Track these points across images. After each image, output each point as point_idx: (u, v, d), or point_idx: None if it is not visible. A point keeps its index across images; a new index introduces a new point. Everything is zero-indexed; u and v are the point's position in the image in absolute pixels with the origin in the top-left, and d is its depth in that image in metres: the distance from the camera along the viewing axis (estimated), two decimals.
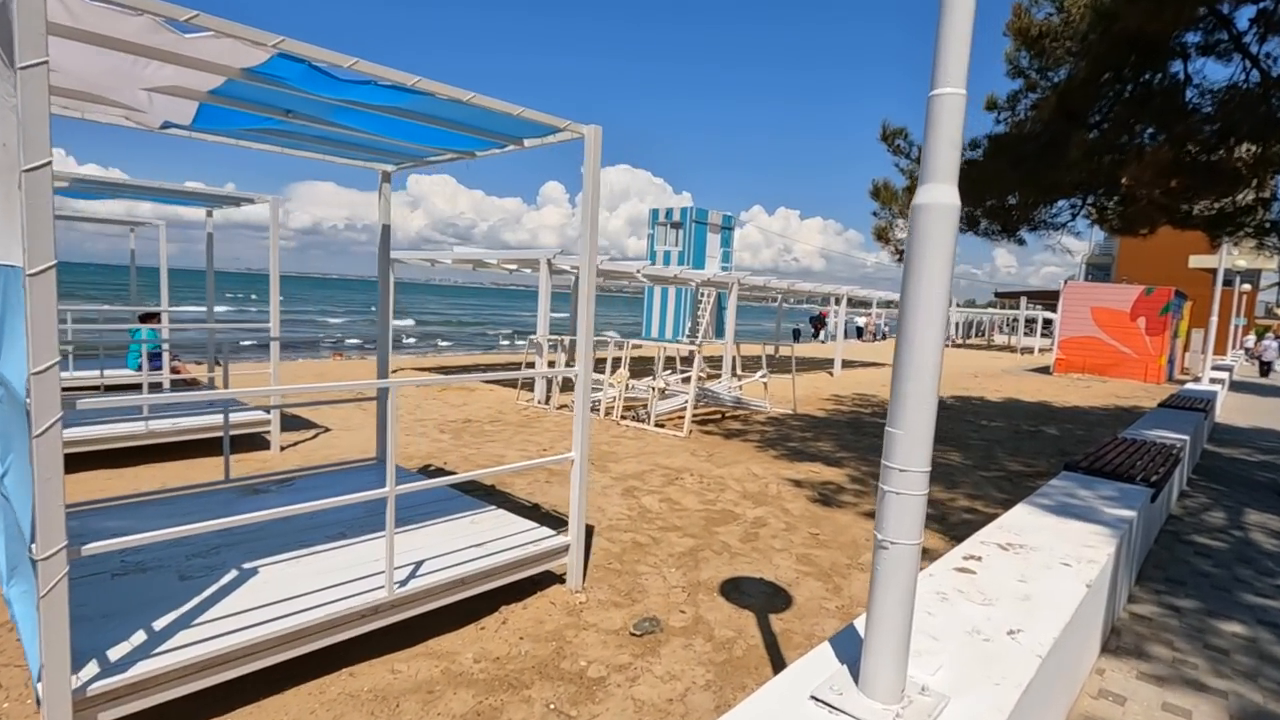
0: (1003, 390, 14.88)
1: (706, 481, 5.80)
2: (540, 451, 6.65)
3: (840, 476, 6.28)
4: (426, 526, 3.55)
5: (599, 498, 5.16)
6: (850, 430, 8.77)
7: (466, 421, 8.14)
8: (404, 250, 13.02)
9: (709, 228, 27.02)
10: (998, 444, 8.38)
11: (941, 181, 1.54)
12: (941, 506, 5.48)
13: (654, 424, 8.11)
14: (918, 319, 1.56)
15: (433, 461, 6.06)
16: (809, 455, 7.10)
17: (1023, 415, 11.04)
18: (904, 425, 1.62)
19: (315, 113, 3.12)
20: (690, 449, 7.07)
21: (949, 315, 18.68)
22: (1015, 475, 6.72)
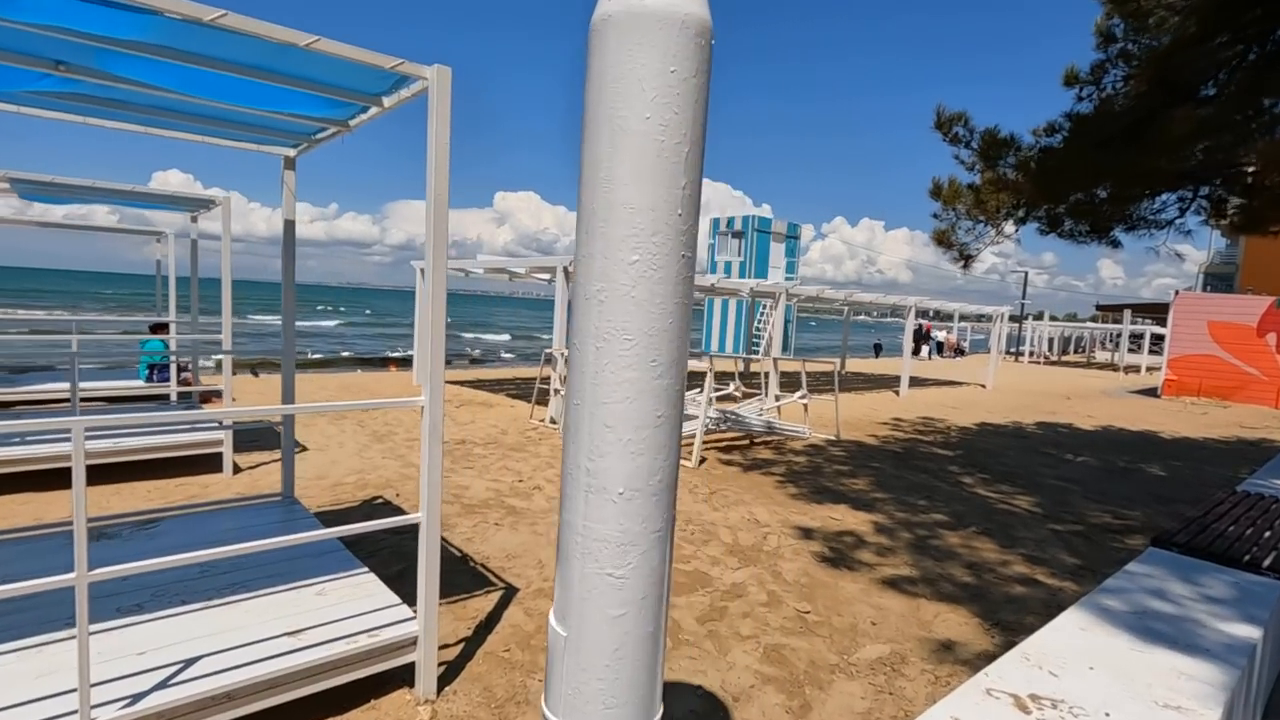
0: (1097, 416, 12.96)
1: (692, 529, 4.80)
2: (515, 482, 5.83)
3: (864, 525, 5.12)
4: (248, 600, 2.75)
5: (545, 547, 4.27)
6: (896, 463, 7.49)
7: (460, 443, 7.44)
8: None
9: (772, 237, 25.73)
10: (1080, 486, 6.91)
11: None
12: (985, 573, 4.26)
13: None
14: None
15: (385, 493, 5.34)
16: (835, 495, 5.95)
17: (1118, 448, 9.35)
18: None
19: (93, 63, 2.41)
20: (692, 484, 6.07)
21: (1041, 331, 16.77)
22: (1097, 531, 5.34)
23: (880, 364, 26.51)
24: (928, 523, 5.30)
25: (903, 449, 8.44)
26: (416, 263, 12.75)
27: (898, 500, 5.90)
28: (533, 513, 4.96)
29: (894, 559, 4.46)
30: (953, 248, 9.00)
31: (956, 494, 6.25)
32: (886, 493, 6.15)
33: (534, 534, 4.50)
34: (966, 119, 7.51)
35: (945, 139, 7.61)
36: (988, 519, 5.49)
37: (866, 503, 5.77)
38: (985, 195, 8.01)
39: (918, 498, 6.04)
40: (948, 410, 12.80)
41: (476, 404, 10.65)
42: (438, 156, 2.34)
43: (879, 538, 4.88)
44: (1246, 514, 3.81)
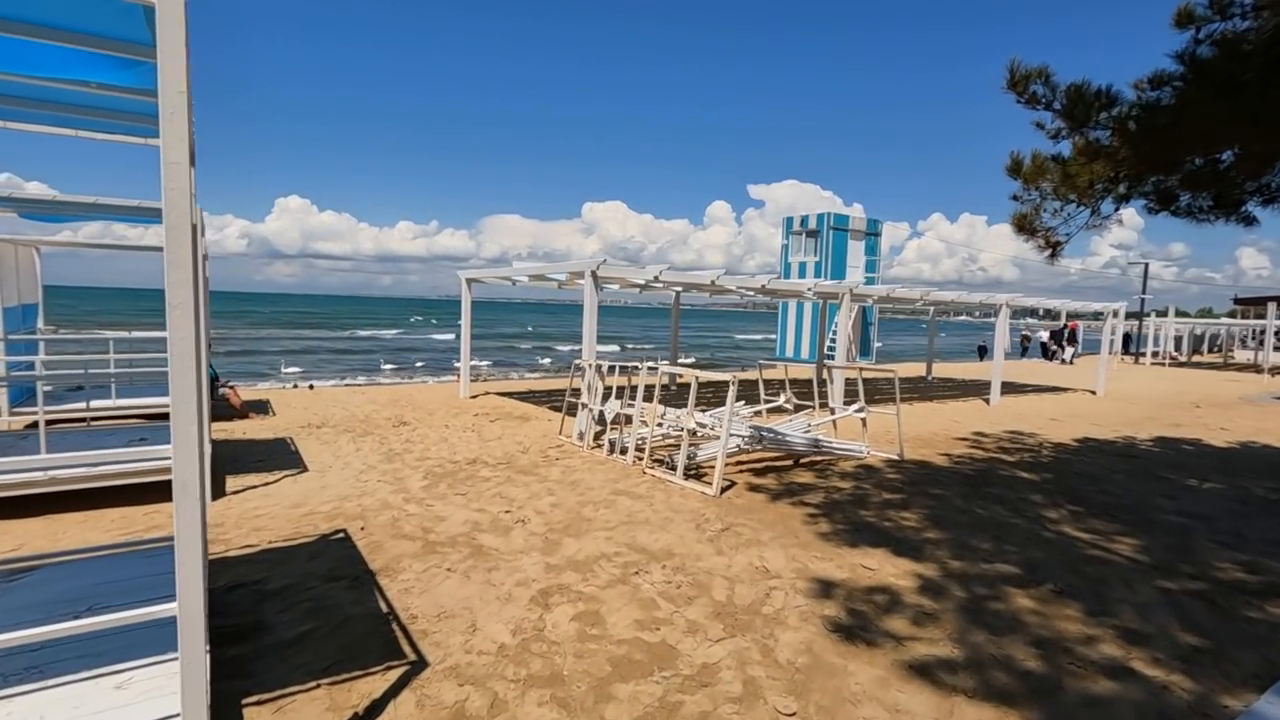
0: (1234, 429, 10.95)
1: (681, 580, 3.96)
2: (501, 513, 5.16)
3: (904, 578, 4.11)
4: (33, 693, 2.18)
5: (491, 603, 3.56)
6: (964, 491, 6.31)
7: (470, 462, 6.89)
8: (480, 269, 12.32)
9: (850, 234, 24.16)
10: (1205, 524, 5.51)
11: None
12: (1058, 656, 3.18)
13: (683, 475, 6.30)
14: None
15: (352, 525, 4.81)
16: (876, 534, 4.92)
17: (1259, 471, 7.66)
18: None
19: None
20: (705, 516, 5.20)
21: (1166, 328, 14.44)
22: (1225, 591, 4.07)
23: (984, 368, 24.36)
24: (990, 576, 4.21)
25: (976, 472, 7.19)
26: (462, 272, 12.48)
27: (956, 542, 4.81)
28: (499, 555, 4.28)
29: (933, 630, 3.45)
30: (1036, 234, 7.66)
31: (1035, 534, 5.07)
32: (943, 531, 5.05)
33: (487, 584, 3.80)
34: (1047, 74, 6.24)
35: (1021, 101, 6.37)
36: (1073, 571, 4.32)
37: (914, 545, 4.71)
38: (1075, 168, 6.69)
39: (983, 538, 4.92)
40: (1044, 423, 11.18)
41: (514, 418, 10.16)
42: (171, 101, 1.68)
43: (920, 597, 3.86)
44: None
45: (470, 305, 12.39)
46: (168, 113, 1.68)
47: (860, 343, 25.07)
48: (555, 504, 5.40)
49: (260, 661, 2.91)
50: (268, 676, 2.81)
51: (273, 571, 3.86)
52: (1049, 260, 7.94)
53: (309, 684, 2.77)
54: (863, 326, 24.99)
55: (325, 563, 4.03)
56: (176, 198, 1.72)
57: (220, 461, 6.63)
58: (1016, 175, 7.50)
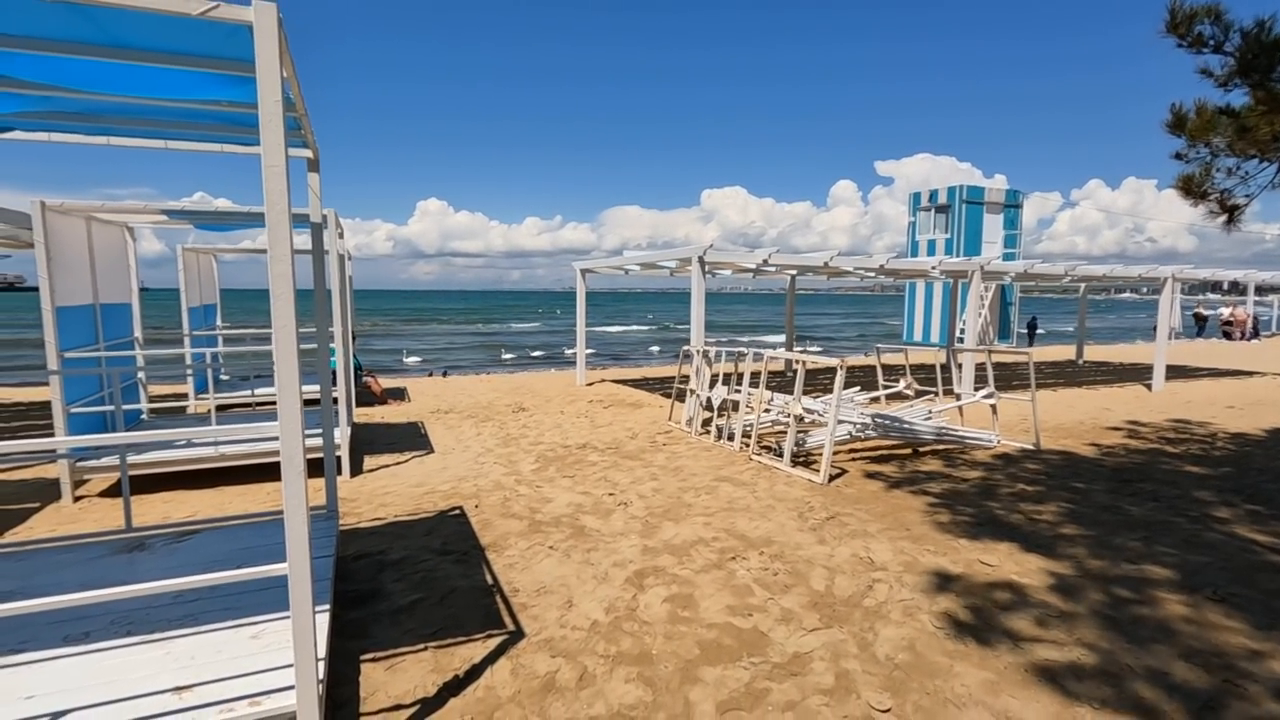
0: None
1: (778, 568, 3.86)
2: (605, 495, 5.28)
3: (1031, 575, 3.75)
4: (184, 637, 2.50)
5: (588, 582, 3.65)
6: (1112, 485, 5.66)
7: (580, 447, 7.11)
8: (592, 260, 12.61)
9: (985, 208, 22.32)
10: None
11: None
12: (1214, 668, 2.78)
13: (790, 461, 6.13)
14: None
15: (468, 503, 5.11)
16: (1002, 529, 4.54)
17: None
18: None
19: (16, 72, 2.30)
20: (810, 504, 5.03)
21: None
22: None
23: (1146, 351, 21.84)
24: (1135, 578, 3.76)
25: (1130, 464, 6.42)
26: (578, 263, 12.84)
27: (1097, 541, 4.33)
28: (599, 536, 4.38)
29: (1060, 632, 3.13)
30: (1208, 198, 6.70)
31: (1198, 535, 4.46)
32: (1083, 528, 4.57)
33: (585, 564, 3.91)
34: (1218, 11, 5.41)
35: (1185, 45, 5.56)
36: (1240, 577, 3.76)
37: (1045, 542, 4.30)
38: (1253, 119, 5.77)
39: (1131, 537, 4.39)
40: (1220, 411, 9.80)
41: (626, 404, 10.35)
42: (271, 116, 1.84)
43: (1048, 596, 3.52)
44: None
45: (585, 295, 12.72)
46: (266, 120, 1.85)
47: (999, 324, 23.16)
48: (657, 489, 5.44)
49: (377, 624, 3.17)
50: (383, 637, 3.06)
51: (393, 544, 4.19)
52: (1226, 227, 6.93)
53: (418, 646, 2.98)
54: (1001, 307, 23.06)
55: (439, 538, 4.31)
56: (275, 198, 1.89)
57: (360, 443, 7.27)
58: (1180, 131, 6.60)
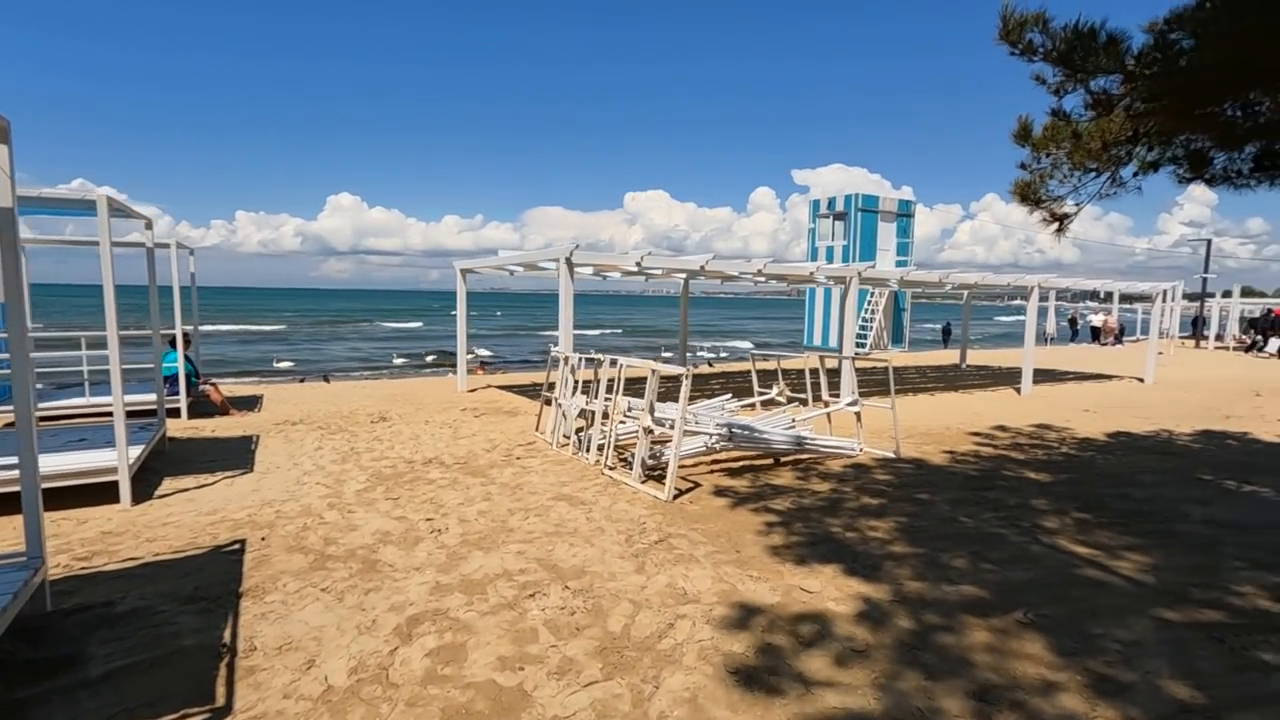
0: None
1: (578, 605, 3.46)
2: (422, 520, 4.75)
3: (845, 603, 3.52)
4: None
5: (347, 633, 3.13)
6: (958, 494, 5.62)
7: (426, 462, 6.53)
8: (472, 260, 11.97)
9: (880, 216, 23.04)
10: (1236, 534, 4.72)
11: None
12: (1003, 706, 2.57)
13: (640, 477, 5.79)
14: None
15: (257, 534, 4.47)
16: (834, 548, 4.33)
17: None
18: None
19: None
20: (644, 526, 4.69)
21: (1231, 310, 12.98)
22: (1241, 625, 3.35)
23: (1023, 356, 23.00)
24: (952, 600, 3.59)
25: (979, 472, 6.46)
26: (458, 262, 12.17)
27: (925, 559, 4.18)
28: (390, 572, 3.86)
29: (857, 672, 2.87)
30: (1040, 205, 6.85)
31: (1025, 549, 4.39)
32: (914, 545, 4.42)
33: (356, 609, 3.39)
34: (1044, 19, 5.44)
35: (1016, 52, 5.58)
36: (1058, 596, 3.66)
37: (872, 563, 4.10)
38: (1085, 128, 5.89)
39: (960, 553, 4.27)
40: (1076, 415, 10.24)
41: (501, 412, 9.81)
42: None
43: (856, 628, 3.28)
44: None
45: (465, 296, 12.06)
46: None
47: (893, 329, 23.97)
48: (484, 511, 4.96)
49: (45, 705, 2.55)
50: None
51: (133, 591, 3.53)
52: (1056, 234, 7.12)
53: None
54: (895, 313, 23.87)
55: (196, 581, 3.68)
56: None
57: (170, 462, 6.42)
58: (1025, 141, 6.70)
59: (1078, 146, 6.24)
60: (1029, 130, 6.56)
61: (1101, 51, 5.33)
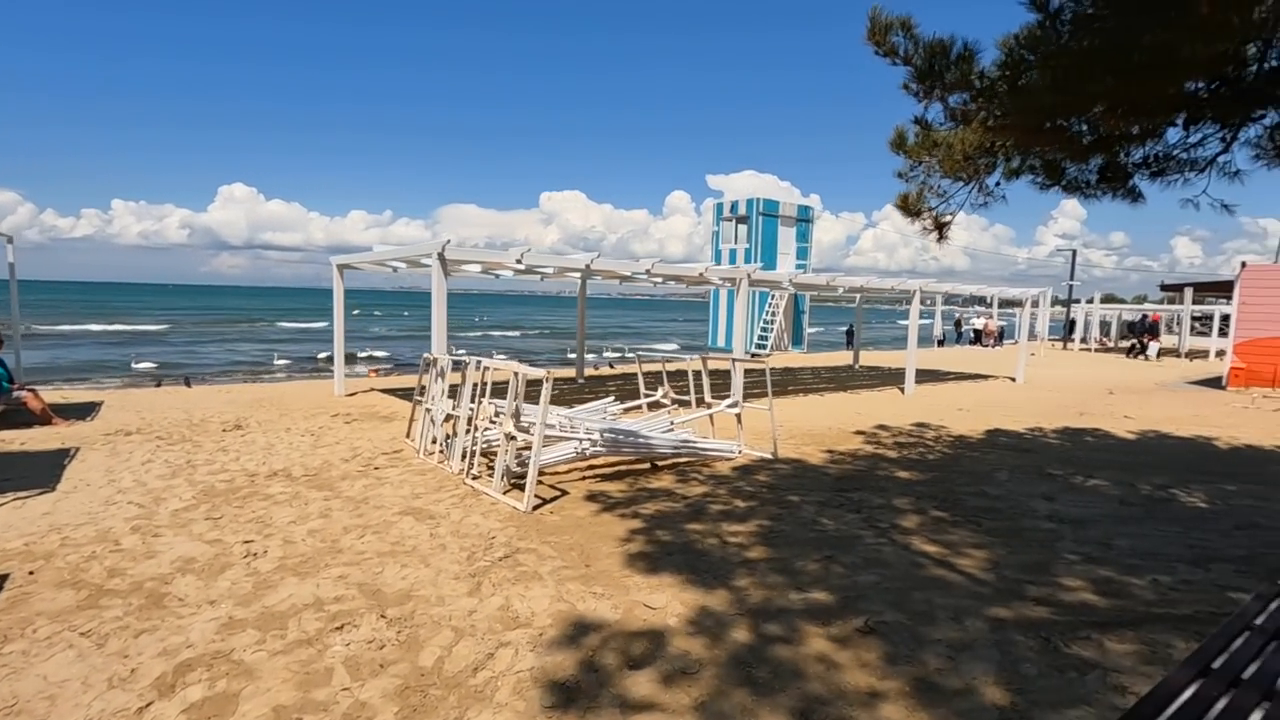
0: (1142, 417, 10.63)
1: (392, 637, 3.11)
2: (239, 544, 4.23)
3: (684, 617, 3.33)
4: None
5: (92, 689, 2.65)
6: (825, 496, 5.62)
7: (272, 475, 5.93)
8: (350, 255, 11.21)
9: (780, 221, 23.62)
10: (1076, 530, 4.91)
11: None
12: None
13: (503, 486, 5.45)
14: None
15: (23, 568, 3.83)
16: (689, 556, 4.16)
17: (1152, 465, 7.19)
18: None
19: None
20: (494, 540, 4.37)
21: (1093, 314, 13.55)
22: (1065, 622, 3.40)
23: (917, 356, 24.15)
24: (795, 608, 3.48)
25: (851, 473, 6.52)
26: (335, 258, 11.39)
27: (780, 565, 4.07)
28: (178, 607, 3.36)
29: (682, 693, 2.68)
30: (921, 215, 7.01)
31: (878, 551, 4.37)
32: (771, 550, 4.32)
33: (116, 656, 2.89)
34: (909, 24, 5.52)
35: (881, 54, 5.64)
36: (898, 601, 3.62)
37: (725, 570, 3.96)
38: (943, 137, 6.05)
39: (815, 558, 4.20)
40: (952, 413, 10.69)
41: (376, 418, 9.20)
42: None
43: (693, 644, 3.09)
44: None
45: (343, 294, 11.30)
46: None
47: (793, 330, 24.63)
48: (317, 530, 4.49)
49: None
50: None
51: None
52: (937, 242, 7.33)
53: None
54: (795, 315, 24.54)
55: None
56: None
57: None
58: (900, 150, 6.83)
59: (947, 155, 6.42)
60: (904, 139, 6.69)
61: (954, 68, 5.45)
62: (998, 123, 5.81)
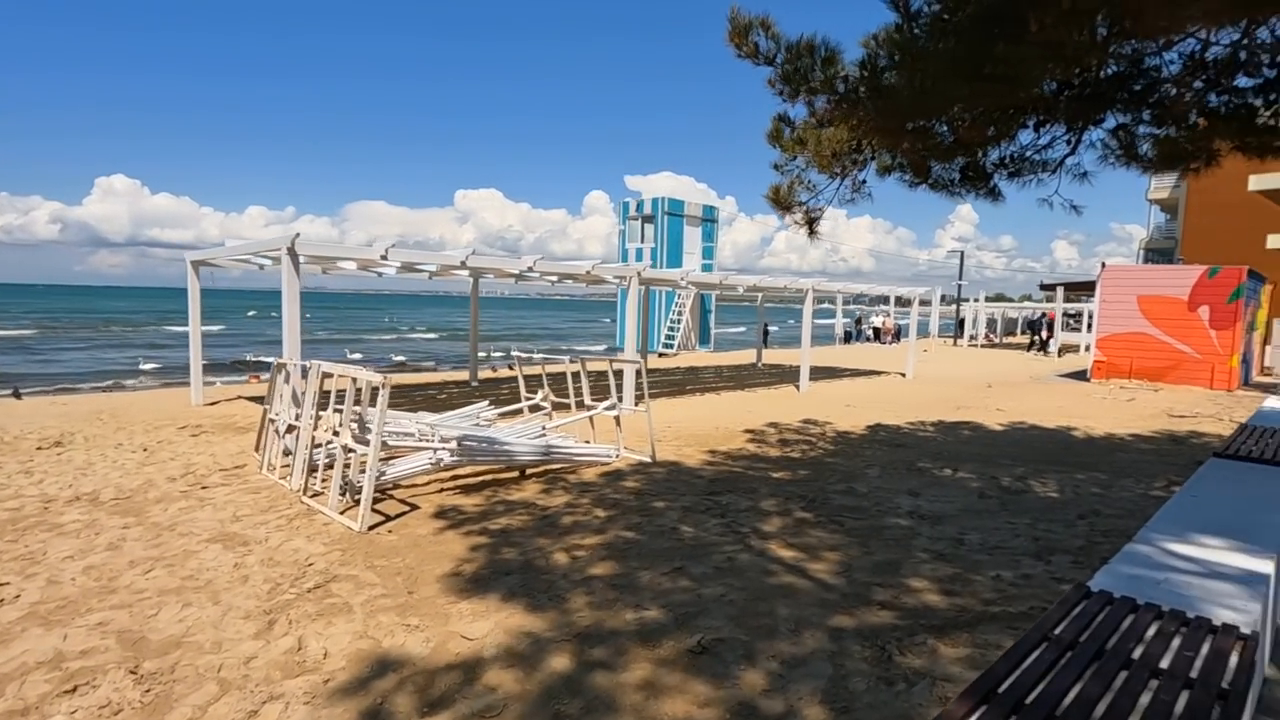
0: (1014, 408, 11.15)
1: (135, 698, 2.62)
2: (2, 584, 3.58)
3: (509, 643, 3.01)
4: None
5: None
6: (694, 502, 5.43)
7: (74, 500, 5.18)
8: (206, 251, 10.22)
9: (685, 220, 23.70)
10: (932, 527, 4.92)
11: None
12: None
13: (342, 503, 4.95)
14: None
15: None
16: (528, 577, 3.83)
17: (1014, 456, 7.45)
18: None
19: None
20: (312, 566, 3.90)
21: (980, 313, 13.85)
22: (908, 623, 3.30)
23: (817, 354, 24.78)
24: (628, 629, 3.21)
25: (726, 474, 6.39)
26: (189, 254, 10.36)
27: (623, 581, 3.81)
28: None
29: None
30: (792, 209, 6.96)
31: (732, 559, 4.19)
32: (619, 562, 4.05)
33: None
34: (769, 24, 5.41)
35: (742, 55, 5.50)
36: (741, 614, 3.42)
37: (562, 589, 3.66)
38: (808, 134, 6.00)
39: (665, 569, 3.96)
40: (841, 409, 10.86)
41: (232, 429, 8.39)
42: None
43: (506, 675, 2.77)
44: (1072, 660, 1.76)
45: (199, 294, 10.30)
46: None
47: (699, 330, 24.79)
48: (96, 565, 3.87)
49: None
50: None
51: None
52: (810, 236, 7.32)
53: None
54: (701, 314, 24.71)
55: None
56: None
57: None
58: (777, 143, 6.75)
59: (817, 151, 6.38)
60: (781, 131, 6.60)
61: (819, 70, 5.37)
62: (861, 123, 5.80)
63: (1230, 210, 26.71)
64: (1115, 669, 1.88)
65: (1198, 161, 5.83)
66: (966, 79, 4.67)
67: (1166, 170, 6.25)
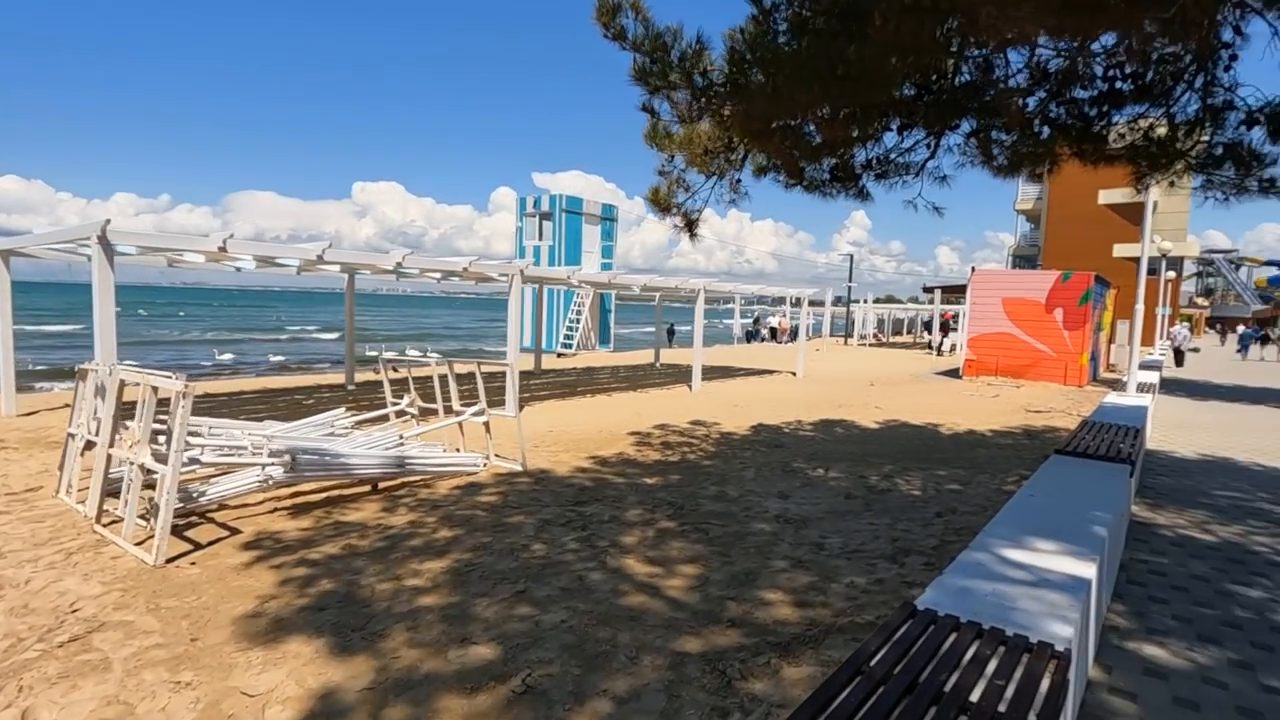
0: (890, 406, 11.54)
1: None
2: None
3: (304, 698, 2.57)
4: None
5: None
6: (555, 515, 5.11)
7: None
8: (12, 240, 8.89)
9: (584, 219, 23.36)
10: (796, 531, 4.83)
11: None
12: None
13: (138, 533, 4.28)
14: None
15: None
16: (341, 614, 3.38)
17: (885, 454, 7.60)
18: None
19: None
20: (73, 614, 3.28)
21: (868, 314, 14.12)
22: (754, 642, 3.11)
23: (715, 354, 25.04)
24: (446, 671, 2.84)
25: (597, 481, 6.11)
26: None
27: (452, 611, 3.42)
28: None
29: None
30: (671, 211, 6.78)
31: (583, 577, 3.90)
32: (455, 590, 3.67)
33: None
34: (640, 6, 5.16)
35: (609, 36, 5.24)
36: (583, 640, 3.13)
37: (380, 626, 3.23)
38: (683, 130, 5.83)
39: (501, 597, 3.61)
40: (728, 410, 10.86)
41: (41, 444, 7.30)
42: None
43: None
44: None
45: (9, 287, 8.94)
46: None
47: (599, 330, 24.52)
48: None
49: None
50: None
51: None
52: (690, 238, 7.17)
53: None
54: (601, 314, 24.46)
55: None
56: None
57: None
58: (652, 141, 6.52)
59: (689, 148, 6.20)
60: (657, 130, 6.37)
61: (678, 67, 5.18)
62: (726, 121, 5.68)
63: (1084, 222, 29.40)
64: (925, 707, 1.72)
65: (1042, 167, 6.11)
66: (819, 78, 4.59)
67: (1017, 174, 6.49)
